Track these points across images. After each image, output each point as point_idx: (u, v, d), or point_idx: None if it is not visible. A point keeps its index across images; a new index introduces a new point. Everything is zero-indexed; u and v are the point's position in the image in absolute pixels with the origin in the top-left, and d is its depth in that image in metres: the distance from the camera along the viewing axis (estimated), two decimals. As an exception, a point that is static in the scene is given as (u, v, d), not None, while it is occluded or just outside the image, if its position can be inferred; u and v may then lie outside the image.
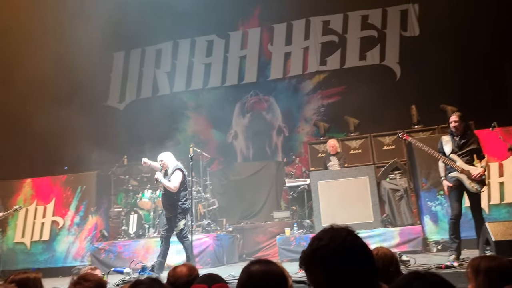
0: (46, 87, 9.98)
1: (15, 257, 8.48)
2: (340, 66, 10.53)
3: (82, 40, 9.11)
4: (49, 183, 8.83)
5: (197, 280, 1.96)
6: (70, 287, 2.25)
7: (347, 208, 7.02)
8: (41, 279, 2.75)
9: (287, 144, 10.67)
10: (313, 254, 1.49)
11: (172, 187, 6.04)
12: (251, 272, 1.67)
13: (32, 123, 9.71)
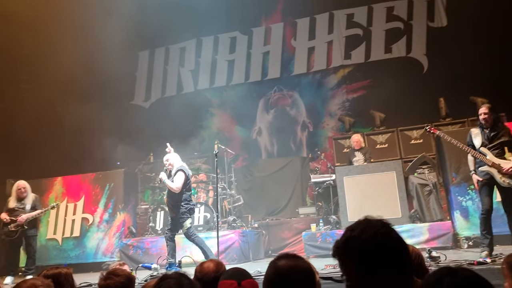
0: (74, 88, 10.25)
1: (47, 253, 8.74)
2: (365, 60, 10.36)
3: (107, 41, 9.27)
4: (79, 181, 9.06)
5: (225, 275, 1.95)
6: (100, 282, 2.30)
7: (374, 204, 6.91)
8: (72, 274, 2.81)
9: (311, 140, 10.59)
10: (345, 245, 1.47)
11: (175, 188, 6.09)
12: (278, 267, 1.63)
13: (62, 123, 9.99)
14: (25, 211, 6.98)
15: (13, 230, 6.88)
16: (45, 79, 10.34)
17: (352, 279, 1.44)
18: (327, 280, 3.72)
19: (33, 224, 7.16)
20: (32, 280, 2.05)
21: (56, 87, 10.08)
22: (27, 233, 7.00)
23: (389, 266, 1.39)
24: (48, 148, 10.09)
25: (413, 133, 9.11)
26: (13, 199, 7.07)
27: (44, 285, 2.01)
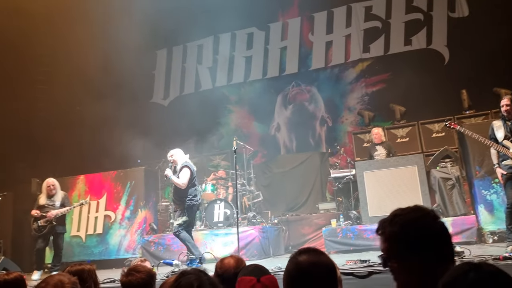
0: (94, 88, 10.41)
1: (72, 250, 8.93)
2: (384, 53, 10.20)
3: (125, 41, 9.37)
4: (101, 179, 9.21)
5: (243, 271, 1.94)
6: (122, 279, 2.33)
7: (395, 198, 6.81)
8: (95, 271, 2.86)
9: (330, 135, 10.51)
10: (392, 221, 1.51)
11: (181, 184, 6.16)
12: (298, 263, 1.60)
13: (82, 122, 10.16)
14: (54, 208, 7.13)
15: (43, 226, 7.02)
16: (64, 79, 10.52)
17: (393, 257, 1.47)
18: (348, 275, 3.70)
19: (62, 221, 7.29)
20: (59, 276, 2.09)
21: (75, 86, 10.26)
22: (56, 230, 7.14)
23: (433, 248, 1.43)
24: (70, 147, 10.30)
25: (435, 126, 8.94)
26: (43, 196, 7.23)
27: (70, 283, 2.04)
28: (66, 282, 2.03)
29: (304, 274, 1.57)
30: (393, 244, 1.49)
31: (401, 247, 1.47)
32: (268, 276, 1.85)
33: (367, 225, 6.92)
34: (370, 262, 4.51)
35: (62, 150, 10.02)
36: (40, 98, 11.19)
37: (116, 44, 9.39)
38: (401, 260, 1.47)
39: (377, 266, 4.30)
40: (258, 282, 1.79)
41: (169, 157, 6.45)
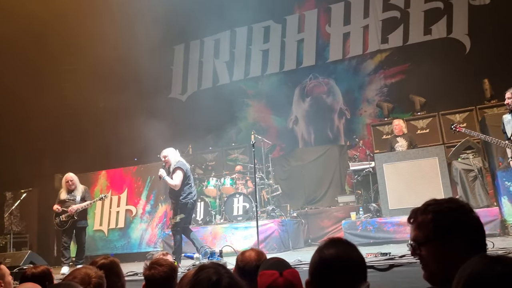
0: (113, 84, 10.55)
1: (95, 243, 9.13)
2: (403, 43, 10.03)
3: (143, 37, 9.46)
4: (122, 174, 9.37)
5: (264, 265, 1.95)
6: (144, 272, 2.37)
7: (416, 191, 6.73)
8: (119, 264, 2.92)
9: (349, 127, 10.42)
10: (426, 208, 1.52)
11: (174, 185, 6.23)
12: (325, 255, 1.55)
13: (103, 119, 10.33)
14: (75, 202, 7.16)
15: (64, 221, 7.07)
16: (85, 76, 10.69)
17: (424, 244, 1.49)
18: (369, 269, 3.69)
19: (83, 215, 7.32)
20: (85, 269, 2.15)
21: (96, 83, 10.42)
22: (77, 224, 7.17)
23: (464, 239, 1.44)
24: (92, 142, 10.49)
25: (456, 117, 8.78)
26: (63, 191, 7.27)
27: (97, 276, 2.10)
28: (93, 275, 2.08)
29: (331, 267, 1.53)
30: (424, 232, 1.50)
31: (431, 235, 1.48)
32: (290, 270, 1.85)
33: (387, 218, 6.87)
34: (391, 255, 4.48)
35: (85, 146, 10.21)
36: (66, 96, 11.43)
37: (135, 40, 9.48)
38: (430, 249, 1.49)
39: (398, 259, 4.28)
40: (280, 276, 1.79)
41: (162, 157, 6.46)
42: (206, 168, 9.79)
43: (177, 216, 6.30)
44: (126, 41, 9.79)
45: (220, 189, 8.55)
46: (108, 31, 9.33)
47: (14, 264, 6.05)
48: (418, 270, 3.79)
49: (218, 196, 8.58)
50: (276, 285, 1.79)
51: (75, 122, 11.15)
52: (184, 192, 6.33)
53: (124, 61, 10.14)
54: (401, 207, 6.81)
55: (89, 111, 11.02)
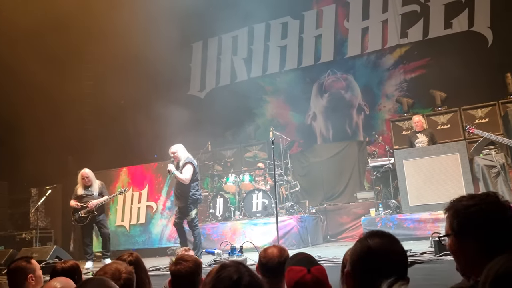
0: (134, 81, 10.71)
1: (117, 239, 9.30)
2: (423, 37, 9.88)
3: (163, 34, 9.57)
4: (142, 171, 9.51)
5: (292, 261, 1.99)
6: (170, 267, 2.44)
7: (437, 187, 6.67)
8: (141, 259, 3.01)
9: (368, 123, 10.35)
10: (457, 204, 1.53)
11: (184, 179, 6.24)
12: (370, 246, 1.54)
13: (125, 116, 10.50)
14: (93, 198, 7.13)
15: (84, 216, 7.07)
16: (105, 73, 10.87)
17: (459, 233, 1.49)
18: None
19: (102, 210, 7.29)
20: (116, 265, 2.22)
21: (116, 81, 10.57)
22: (97, 219, 7.17)
23: (497, 234, 1.44)
24: (113, 139, 10.68)
25: (478, 112, 8.63)
26: (80, 187, 7.24)
27: (127, 272, 2.17)
28: (123, 271, 2.16)
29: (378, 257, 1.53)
30: (448, 225, 1.52)
31: (451, 230, 1.50)
32: (318, 267, 1.88)
33: (407, 214, 6.82)
34: (412, 251, 4.47)
35: (106, 143, 10.40)
36: (88, 94, 11.67)
37: (155, 38, 9.59)
38: (451, 242, 1.51)
39: (418, 256, 4.26)
40: (308, 273, 1.82)
41: (171, 153, 6.47)
42: (225, 164, 9.87)
43: (192, 212, 6.36)
44: (145, 39, 9.91)
45: (239, 185, 8.62)
46: (129, 28, 9.44)
47: (41, 259, 6.22)
48: (439, 267, 3.80)
49: (237, 192, 8.65)
50: (304, 281, 1.81)
51: (97, 120, 11.39)
52: (193, 188, 6.37)
53: (144, 59, 10.29)
54: (422, 204, 6.76)
55: (110, 108, 11.22)
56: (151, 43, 9.81)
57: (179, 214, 6.53)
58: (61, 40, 9.71)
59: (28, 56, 9.04)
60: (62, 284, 2.21)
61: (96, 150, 10.15)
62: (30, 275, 2.90)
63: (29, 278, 2.90)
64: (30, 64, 9.07)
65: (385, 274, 1.48)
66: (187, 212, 6.39)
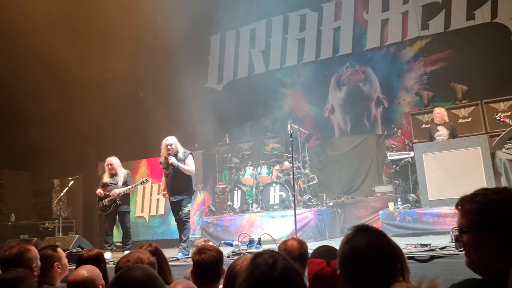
0: (152, 74, 10.81)
1: (137, 229, 9.47)
2: (444, 29, 9.71)
3: (181, 27, 9.61)
4: (161, 163, 9.62)
5: (314, 253, 2.01)
6: (194, 257, 2.50)
7: (457, 182, 6.59)
8: (160, 249, 3.07)
9: (387, 116, 10.24)
10: (472, 200, 1.52)
11: (191, 170, 6.22)
12: (355, 247, 1.49)
13: (144, 108, 10.63)
14: (117, 187, 7.03)
15: (107, 205, 7.00)
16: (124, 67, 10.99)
17: (469, 232, 1.49)
18: (409, 259, 3.69)
19: (126, 199, 7.18)
20: (138, 253, 2.29)
21: (134, 74, 10.70)
22: (120, 209, 7.04)
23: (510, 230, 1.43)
24: (132, 131, 10.84)
25: (500, 105, 8.46)
26: (106, 175, 7.22)
27: (149, 262, 2.23)
28: (145, 260, 2.22)
29: (363, 258, 1.47)
30: (467, 220, 1.51)
31: (473, 225, 1.49)
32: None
33: (427, 209, 6.77)
34: (431, 246, 4.45)
35: (126, 135, 10.56)
36: (108, 87, 11.84)
37: (173, 31, 9.64)
38: (471, 238, 1.49)
39: (438, 250, 4.24)
40: (328, 266, 1.84)
41: (168, 145, 6.27)
42: (242, 157, 9.92)
43: (189, 204, 6.34)
44: (164, 31, 9.97)
45: (257, 178, 8.66)
46: (147, 21, 9.52)
47: (64, 248, 6.32)
48: (459, 262, 3.77)
49: (255, 185, 8.69)
50: (323, 274, 1.84)
51: (116, 112, 11.56)
52: (192, 180, 6.36)
53: (162, 51, 10.37)
54: (441, 198, 6.69)
55: (130, 101, 11.37)
56: (170, 35, 9.86)
57: (177, 208, 6.35)
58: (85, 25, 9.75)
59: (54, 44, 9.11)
60: (89, 272, 2.29)
61: (116, 142, 10.32)
62: (56, 263, 2.99)
63: (55, 266, 2.98)
64: (57, 53, 9.18)
65: (376, 272, 1.46)
66: (185, 204, 6.29)
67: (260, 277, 1.33)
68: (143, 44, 10.08)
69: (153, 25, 9.66)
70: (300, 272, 1.38)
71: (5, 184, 10.96)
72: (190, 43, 10.65)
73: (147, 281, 1.46)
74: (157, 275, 1.55)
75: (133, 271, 1.49)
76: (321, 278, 1.86)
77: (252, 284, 1.34)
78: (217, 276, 2.46)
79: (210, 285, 2.46)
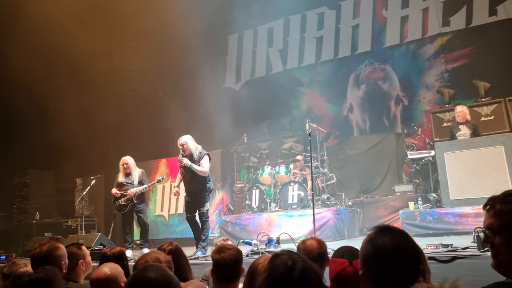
0: (170, 74, 10.91)
1: (156, 228, 9.59)
2: (466, 25, 9.52)
3: (199, 27, 9.68)
4: (180, 162, 9.72)
5: (336, 253, 2.01)
6: (214, 256, 2.52)
7: (480, 181, 6.47)
8: (180, 248, 3.11)
9: (406, 114, 10.11)
10: (504, 200, 1.50)
11: (205, 171, 6.18)
12: (379, 247, 1.49)
13: (163, 108, 10.74)
14: (133, 186, 7.03)
15: (124, 204, 7.05)
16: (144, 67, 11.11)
17: (499, 233, 1.48)
18: (430, 260, 3.64)
19: (142, 198, 7.20)
20: (155, 254, 2.33)
21: (153, 74, 10.81)
22: (137, 208, 7.08)
23: None
24: (152, 131, 10.98)
25: (525, 102, 8.27)
26: (121, 174, 7.21)
27: (166, 261, 2.27)
28: (162, 260, 2.26)
29: (387, 259, 1.47)
30: (500, 221, 1.49)
31: (508, 225, 1.47)
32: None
33: (448, 209, 6.66)
34: (453, 246, 4.38)
35: (146, 135, 10.71)
36: (128, 87, 12.02)
37: (191, 31, 9.71)
38: (505, 239, 1.47)
39: (460, 251, 4.17)
40: (350, 265, 1.84)
41: (179, 145, 6.28)
42: (260, 156, 9.94)
43: (207, 203, 6.34)
44: (182, 32, 10.05)
45: (275, 177, 8.66)
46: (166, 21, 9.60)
47: (86, 245, 6.43)
48: (482, 263, 3.71)
49: (273, 184, 8.70)
50: (345, 274, 1.84)
51: (136, 112, 11.72)
52: (209, 179, 6.36)
53: (181, 51, 10.45)
54: (463, 198, 6.58)
55: (149, 101, 11.52)
56: (189, 36, 9.95)
57: (192, 207, 6.39)
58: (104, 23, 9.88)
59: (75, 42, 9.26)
60: (112, 270, 2.34)
61: (136, 141, 10.46)
62: (81, 260, 3.06)
63: (80, 263, 3.05)
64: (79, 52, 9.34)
65: (398, 272, 1.45)
66: (202, 204, 6.31)
67: (279, 278, 1.34)
68: (162, 44, 10.18)
69: (172, 26, 9.75)
70: (319, 272, 1.38)
71: (30, 184, 11.26)
72: (208, 43, 10.72)
73: (163, 281, 1.48)
74: (172, 275, 1.57)
75: (148, 271, 1.51)
76: (343, 278, 1.87)
77: (271, 285, 1.35)
78: (237, 275, 2.48)
79: (229, 283, 2.49)
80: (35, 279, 1.98)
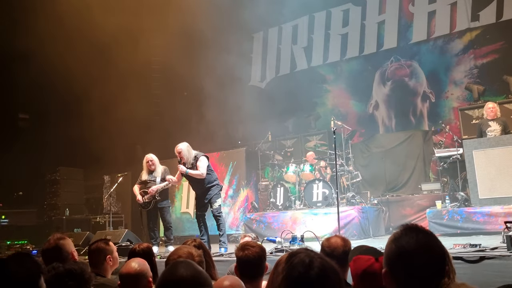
0: (195, 72, 11.02)
1: (182, 225, 9.73)
2: (496, 20, 9.24)
3: (224, 26, 9.74)
4: (205, 160, 9.82)
5: (357, 251, 2.02)
6: (238, 253, 2.56)
7: (510, 180, 6.30)
8: (204, 244, 3.17)
9: (434, 111, 9.91)
10: None
11: (201, 174, 6.22)
12: (403, 247, 1.47)
13: (188, 107, 10.88)
14: (156, 183, 7.00)
15: (147, 202, 7.04)
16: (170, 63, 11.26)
17: None
18: (457, 260, 3.58)
19: (165, 195, 7.16)
20: (187, 249, 2.38)
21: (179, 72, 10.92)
22: (159, 204, 7.05)
23: None
24: (176, 129, 11.12)
25: (558, 98, 7.98)
26: (144, 172, 7.22)
27: (198, 255, 2.33)
28: (195, 254, 2.31)
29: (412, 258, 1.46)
30: None
31: None
32: (384, 257, 1.89)
33: (477, 208, 6.51)
34: (481, 246, 4.29)
35: (171, 133, 10.85)
36: (154, 86, 12.22)
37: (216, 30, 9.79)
38: None
39: (489, 251, 4.08)
40: (376, 262, 1.84)
41: (176, 152, 6.41)
42: (285, 154, 9.95)
43: (218, 199, 6.43)
44: (207, 30, 10.13)
45: (299, 175, 8.66)
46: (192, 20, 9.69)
47: (114, 241, 6.55)
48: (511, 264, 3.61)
49: (298, 182, 8.69)
50: (372, 270, 1.84)
51: (162, 110, 11.91)
52: (212, 177, 6.44)
53: (206, 50, 10.54)
54: (493, 197, 6.42)
55: (175, 99, 11.67)
56: (213, 34, 10.03)
57: (203, 205, 6.49)
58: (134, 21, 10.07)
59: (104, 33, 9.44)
60: (140, 265, 2.42)
61: (161, 139, 10.62)
62: (108, 256, 3.15)
63: (108, 258, 3.14)
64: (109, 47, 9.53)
65: (423, 272, 1.44)
66: (214, 200, 6.38)
67: (298, 277, 1.35)
68: (187, 43, 10.29)
69: (198, 25, 9.86)
70: (337, 269, 1.39)
71: (60, 180, 11.61)
72: (234, 41, 10.76)
73: (194, 279, 1.52)
74: (203, 271, 1.61)
75: (179, 268, 1.55)
76: (371, 274, 1.86)
77: (290, 284, 1.36)
78: (260, 272, 2.51)
79: (253, 281, 2.51)
80: (69, 269, 2.09)
